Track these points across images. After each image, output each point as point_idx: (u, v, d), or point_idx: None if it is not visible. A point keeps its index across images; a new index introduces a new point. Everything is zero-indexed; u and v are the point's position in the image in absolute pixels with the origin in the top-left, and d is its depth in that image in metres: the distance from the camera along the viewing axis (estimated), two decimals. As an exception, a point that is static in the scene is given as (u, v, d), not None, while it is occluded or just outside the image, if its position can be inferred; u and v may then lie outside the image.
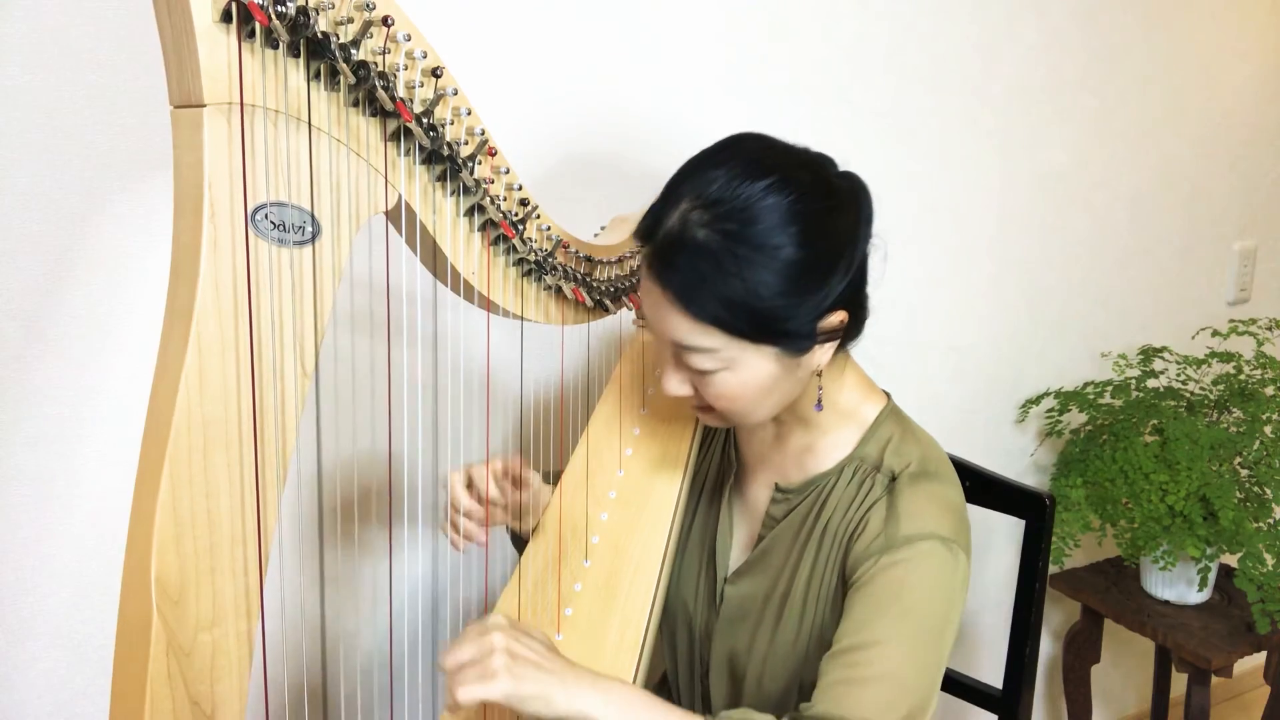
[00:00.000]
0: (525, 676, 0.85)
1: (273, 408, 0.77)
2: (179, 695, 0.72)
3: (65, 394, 1.14)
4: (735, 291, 0.90)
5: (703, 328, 0.92)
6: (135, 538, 0.72)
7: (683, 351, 0.95)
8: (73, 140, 1.10)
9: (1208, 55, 2.09)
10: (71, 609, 1.19)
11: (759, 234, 0.90)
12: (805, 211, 0.91)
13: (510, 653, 0.86)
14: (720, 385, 0.96)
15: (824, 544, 1.03)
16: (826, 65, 1.61)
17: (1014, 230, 1.90)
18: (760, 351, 0.94)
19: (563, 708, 0.86)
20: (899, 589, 0.95)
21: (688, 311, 0.92)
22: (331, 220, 0.79)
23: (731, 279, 0.90)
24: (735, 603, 1.09)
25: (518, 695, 0.85)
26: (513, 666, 0.85)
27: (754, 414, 1.00)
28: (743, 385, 0.96)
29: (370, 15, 0.77)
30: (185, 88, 0.71)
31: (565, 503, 1.14)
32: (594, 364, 1.40)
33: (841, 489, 1.04)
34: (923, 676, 0.94)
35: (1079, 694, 2.00)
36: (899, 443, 1.04)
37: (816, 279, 0.93)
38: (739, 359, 0.94)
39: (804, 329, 0.94)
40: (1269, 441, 1.73)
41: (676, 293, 0.92)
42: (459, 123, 0.87)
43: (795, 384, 1.00)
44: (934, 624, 0.95)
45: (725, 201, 0.90)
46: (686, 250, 0.91)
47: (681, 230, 0.91)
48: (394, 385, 1.25)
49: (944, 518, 0.99)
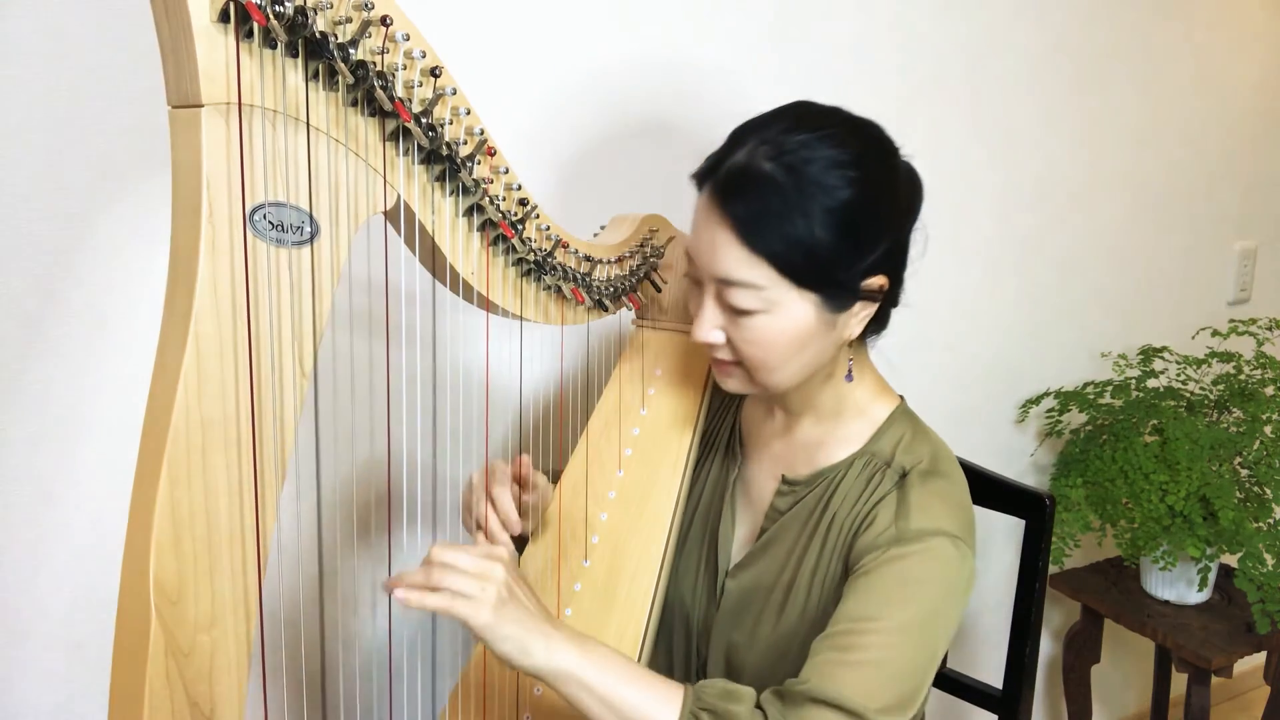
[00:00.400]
0: (509, 618, 0.84)
1: (271, 408, 0.77)
2: (178, 696, 0.72)
3: (65, 394, 1.14)
4: (794, 228, 0.93)
5: (755, 261, 0.94)
6: (134, 538, 0.72)
7: (727, 288, 0.96)
8: (73, 140, 1.10)
9: (1207, 55, 2.09)
10: (71, 609, 1.19)
11: (820, 173, 0.93)
12: (864, 162, 0.95)
13: (508, 587, 0.85)
14: (756, 329, 0.97)
15: (830, 535, 1.03)
16: (827, 66, 1.61)
17: (1014, 230, 1.90)
18: (803, 298, 0.95)
19: (540, 659, 0.85)
20: (902, 579, 0.95)
21: (745, 242, 0.93)
22: (330, 220, 0.79)
23: (793, 213, 0.92)
24: (736, 596, 1.09)
25: (495, 632, 0.84)
26: (502, 603, 0.84)
27: (780, 371, 0.99)
28: (779, 332, 0.96)
29: (369, 15, 0.77)
30: (183, 88, 0.71)
31: (565, 503, 1.14)
32: (593, 364, 1.40)
33: (851, 481, 1.04)
34: (914, 668, 0.93)
35: (1079, 694, 2.00)
36: (910, 441, 1.05)
37: (868, 230, 0.96)
38: (781, 302, 0.95)
39: (850, 280, 0.96)
40: (1269, 441, 1.73)
41: (738, 221, 0.93)
42: (458, 122, 0.87)
43: (825, 348, 1.00)
44: (933, 618, 0.95)
45: (790, 142, 0.94)
46: (753, 181, 0.94)
47: (748, 162, 0.95)
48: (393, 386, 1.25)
49: (953, 516, 0.99)
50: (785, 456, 1.10)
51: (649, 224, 1.19)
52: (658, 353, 1.24)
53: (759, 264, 0.94)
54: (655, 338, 1.25)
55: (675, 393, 1.20)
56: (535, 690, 1.04)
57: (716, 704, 0.89)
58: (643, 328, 1.27)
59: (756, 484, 1.13)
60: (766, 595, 1.06)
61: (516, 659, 0.85)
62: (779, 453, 1.11)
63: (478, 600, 0.83)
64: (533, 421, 1.45)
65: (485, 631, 0.84)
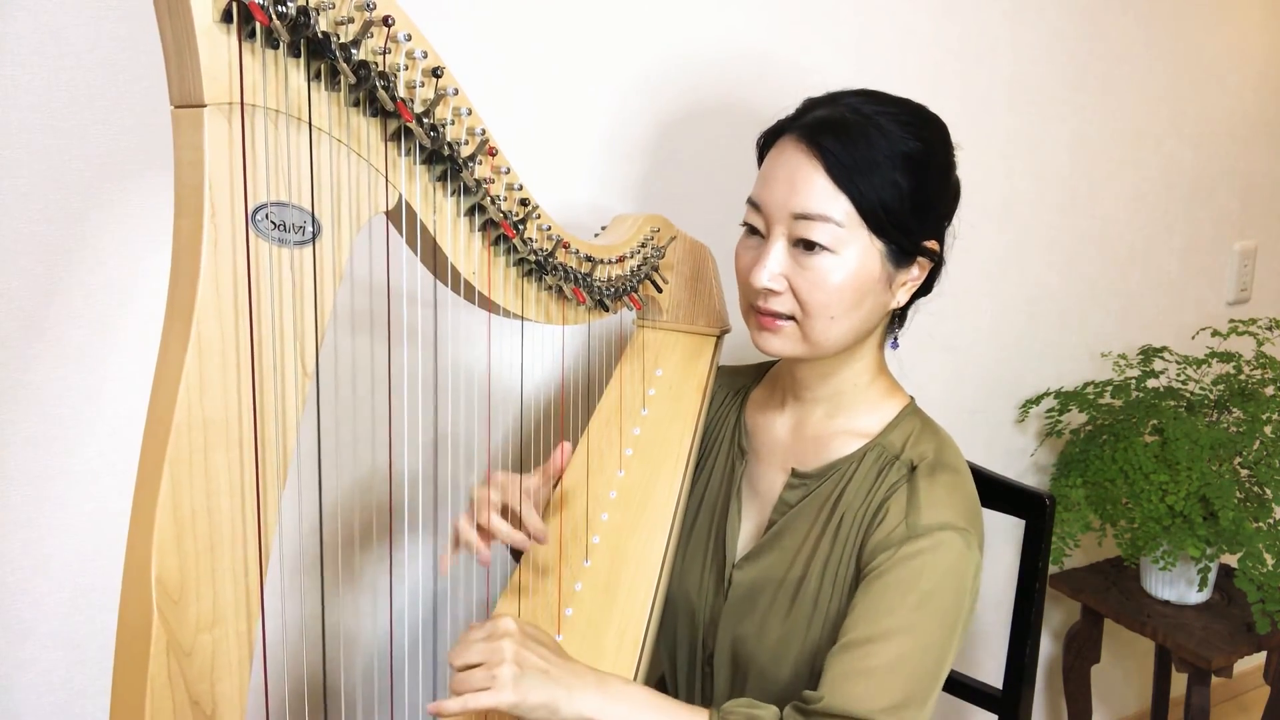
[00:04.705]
0: (532, 688, 0.87)
1: (273, 408, 0.76)
2: (179, 695, 0.72)
3: (65, 394, 1.14)
4: (879, 171, 0.97)
5: (838, 196, 0.97)
6: (135, 538, 0.72)
7: (802, 223, 0.98)
8: (73, 140, 1.10)
9: (1208, 55, 2.09)
10: (71, 609, 1.19)
11: (897, 130, 0.99)
12: (931, 129, 1.02)
13: (519, 662, 0.88)
14: (824, 270, 0.98)
15: (842, 529, 1.04)
16: (827, 67, 1.61)
17: (1014, 230, 1.90)
18: (873, 244, 0.99)
19: (567, 714, 0.88)
20: (915, 579, 0.97)
21: (831, 176, 0.97)
22: (332, 220, 0.79)
23: (877, 156, 0.97)
24: (744, 587, 1.09)
25: (524, 706, 0.87)
26: (520, 677, 0.87)
27: (835, 325, 1.01)
28: (847, 275, 0.99)
29: (371, 15, 0.77)
30: (186, 87, 0.71)
31: (566, 503, 1.14)
32: (594, 364, 1.40)
33: (863, 473, 1.05)
34: (931, 663, 0.95)
35: (1079, 694, 2.00)
36: (919, 435, 1.07)
37: (935, 190, 1.02)
38: (851, 243, 0.98)
39: (916, 234, 1.01)
40: (1269, 441, 1.73)
41: (828, 155, 0.97)
42: (459, 123, 0.87)
43: (875, 309, 1.03)
44: (947, 613, 0.97)
45: (867, 108, 1.01)
46: (843, 125, 0.99)
47: (833, 112, 1.01)
48: (394, 385, 1.25)
49: (961, 508, 1.01)
50: (794, 451, 1.11)
51: (650, 224, 1.19)
52: (659, 353, 1.24)
53: (841, 199, 0.97)
54: (656, 338, 1.26)
55: (676, 393, 1.20)
56: None
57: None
58: (644, 328, 1.27)
59: (764, 479, 1.13)
60: (776, 587, 1.06)
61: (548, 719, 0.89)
62: (787, 448, 1.12)
63: (497, 686, 0.86)
64: (533, 421, 1.45)
65: (515, 710, 0.87)
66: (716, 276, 1.27)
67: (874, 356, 1.09)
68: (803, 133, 1.00)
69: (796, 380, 1.11)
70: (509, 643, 0.88)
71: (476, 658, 0.88)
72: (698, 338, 1.26)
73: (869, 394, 1.09)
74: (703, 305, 1.26)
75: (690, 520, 1.16)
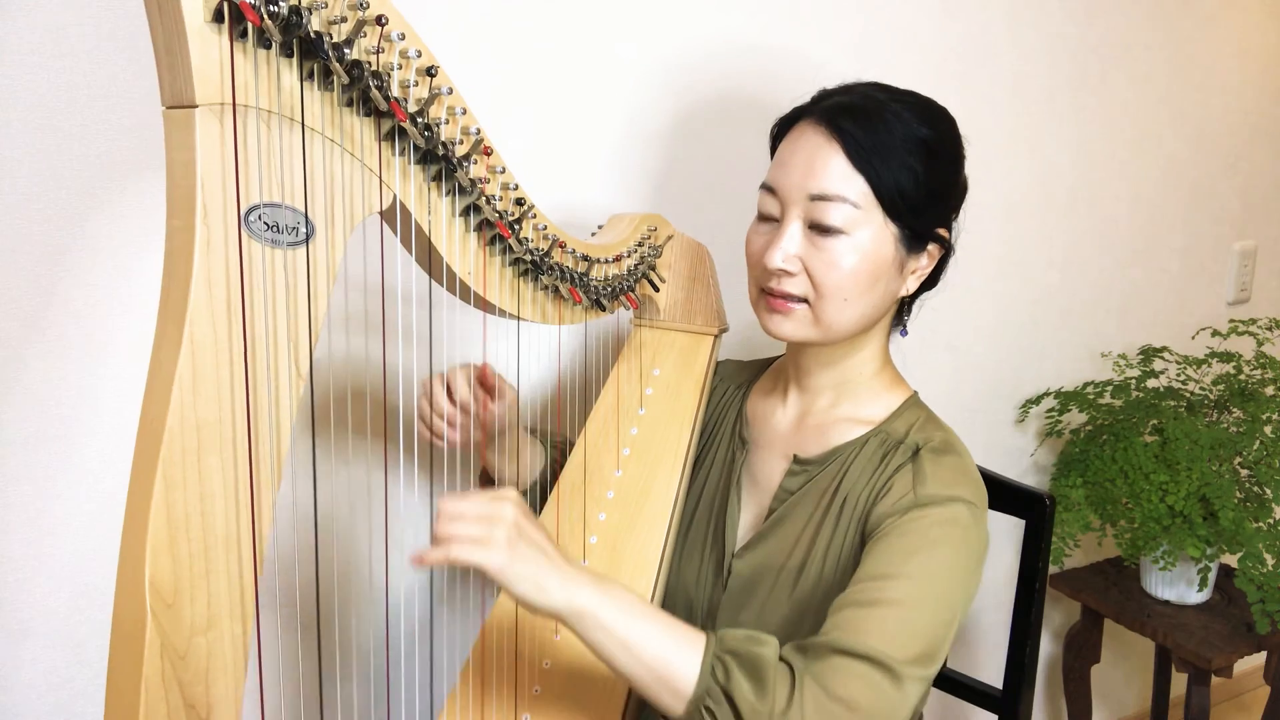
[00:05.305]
0: (524, 556, 0.83)
1: (266, 409, 0.76)
2: (173, 698, 0.72)
3: (65, 394, 1.14)
4: (896, 155, 0.98)
5: (856, 178, 0.98)
6: (129, 540, 0.72)
7: (819, 204, 0.99)
8: (73, 140, 1.10)
9: (1208, 55, 2.09)
10: (71, 609, 1.19)
11: (912, 117, 1.00)
12: (942, 121, 1.04)
13: (518, 528, 0.83)
14: (836, 252, 0.99)
15: (845, 511, 1.03)
16: (827, 68, 1.61)
17: (1014, 230, 1.90)
18: (886, 227, 1.00)
19: (557, 597, 0.83)
20: (923, 537, 0.95)
21: (849, 157, 0.98)
22: (325, 221, 0.79)
23: (894, 141, 0.99)
24: (744, 576, 1.08)
25: (511, 572, 0.82)
26: (515, 542, 0.82)
27: (847, 307, 1.01)
28: (862, 257, 0.99)
29: (363, 14, 0.76)
30: (177, 88, 0.71)
31: (563, 503, 1.14)
32: (591, 364, 1.40)
33: (865, 458, 1.05)
34: (937, 622, 0.92)
35: (1079, 694, 2.00)
36: (924, 424, 1.07)
37: (949, 179, 1.04)
38: (866, 225, 0.99)
39: (929, 219, 1.02)
40: (1269, 441, 1.73)
41: (847, 137, 0.98)
42: (454, 122, 0.87)
43: (887, 295, 1.03)
44: (953, 572, 0.94)
45: (880, 96, 1.02)
46: (861, 110, 1.00)
47: (850, 90, 1.04)
48: (389, 387, 1.25)
49: (969, 485, 1.01)
50: (796, 440, 1.11)
51: (647, 223, 1.19)
52: (656, 352, 1.24)
53: (858, 180, 0.98)
54: (654, 337, 1.25)
55: (673, 392, 1.20)
56: (544, 663, 1.04)
57: (740, 647, 0.87)
58: (641, 327, 1.27)
59: (764, 469, 1.13)
60: (776, 574, 1.06)
61: (534, 598, 0.83)
62: (789, 436, 1.12)
63: (488, 543, 0.81)
64: (531, 422, 1.45)
65: (500, 574, 0.82)
66: (714, 275, 1.27)
67: (880, 346, 1.10)
68: (821, 116, 1.01)
69: (801, 368, 1.11)
70: (511, 508, 0.83)
71: (473, 511, 0.83)
72: (695, 337, 1.26)
73: (874, 383, 1.09)
74: (700, 304, 1.26)
75: (689, 513, 1.16)
